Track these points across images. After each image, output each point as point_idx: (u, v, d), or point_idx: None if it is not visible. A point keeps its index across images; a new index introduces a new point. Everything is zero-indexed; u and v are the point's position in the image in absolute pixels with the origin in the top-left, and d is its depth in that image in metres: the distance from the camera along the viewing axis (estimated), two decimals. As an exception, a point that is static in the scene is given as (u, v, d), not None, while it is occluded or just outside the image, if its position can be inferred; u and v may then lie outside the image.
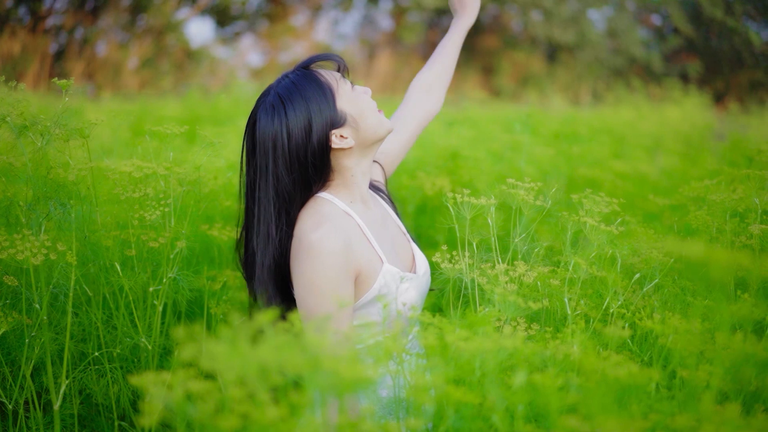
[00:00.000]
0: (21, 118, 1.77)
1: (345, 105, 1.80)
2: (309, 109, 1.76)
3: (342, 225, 1.73)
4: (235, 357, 0.85)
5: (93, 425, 2.13)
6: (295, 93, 1.78)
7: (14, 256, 1.65)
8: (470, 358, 1.22)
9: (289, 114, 1.76)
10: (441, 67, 2.22)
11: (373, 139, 1.83)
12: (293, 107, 1.76)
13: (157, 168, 1.92)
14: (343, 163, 1.82)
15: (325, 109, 1.77)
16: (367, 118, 1.81)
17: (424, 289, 1.89)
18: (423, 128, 2.23)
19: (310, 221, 1.74)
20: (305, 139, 1.76)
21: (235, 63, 16.39)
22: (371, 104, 1.84)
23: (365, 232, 1.79)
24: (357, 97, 1.83)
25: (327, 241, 1.68)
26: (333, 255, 1.68)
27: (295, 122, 1.76)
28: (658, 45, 14.87)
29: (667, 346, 1.43)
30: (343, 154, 1.81)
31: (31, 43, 11.69)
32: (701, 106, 7.61)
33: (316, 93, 1.78)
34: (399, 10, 17.20)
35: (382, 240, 1.83)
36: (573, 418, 1.04)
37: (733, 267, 0.90)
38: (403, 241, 1.94)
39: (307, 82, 1.79)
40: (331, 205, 1.79)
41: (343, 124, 1.79)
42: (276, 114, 1.77)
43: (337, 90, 1.80)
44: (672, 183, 3.27)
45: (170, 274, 1.97)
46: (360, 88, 1.87)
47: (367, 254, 1.75)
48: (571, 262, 1.65)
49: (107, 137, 3.33)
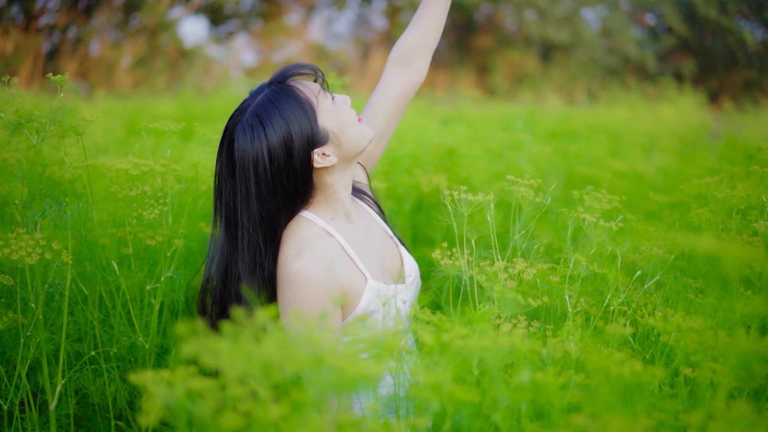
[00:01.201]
0: (16, 115, 1.75)
1: (327, 121, 1.71)
2: (290, 129, 1.67)
3: (323, 249, 1.69)
4: (239, 353, 0.84)
5: (89, 425, 2.11)
6: (274, 111, 1.68)
7: (9, 255, 1.63)
8: (468, 357, 1.21)
9: (269, 134, 1.66)
10: (422, 30, 2.01)
11: (355, 152, 1.76)
12: (273, 127, 1.67)
13: (154, 165, 1.90)
14: (326, 181, 1.75)
15: (306, 128, 1.68)
16: (348, 132, 1.73)
17: (415, 293, 1.86)
18: (406, 104, 2.06)
19: (291, 250, 1.68)
20: (287, 161, 1.67)
21: (228, 62, 16.35)
22: (351, 116, 1.76)
23: (347, 250, 1.74)
24: (338, 111, 1.74)
25: (307, 270, 1.64)
26: (316, 284, 1.64)
27: (276, 143, 1.66)
28: (652, 44, 14.90)
29: (669, 343, 1.42)
30: (326, 172, 1.74)
31: (24, 42, 11.63)
32: (696, 105, 7.62)
33: (296, 111, 1.68)
34: (393, 10, 17.19)
35: (366, 254, 1.78)
36: (578, 416, 1.03)
37: (746, 261, 0.89)
38: (390, 247, 1.89)
39: (285, 99, 1.69)
40: (311, 227, 1.73)
41: (325, 142, 1.71)
42: (255, 135, 1.67)
43: (318, 106, 1.71)
44: (669, 181, 3.27)
45: (167, 272, 1.95)
46: (339, 97, 1.78)
47: (350, 274, 1.71)
48: (572, 259, 1.64)
49: (101, 135, 3.31)
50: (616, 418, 1.01)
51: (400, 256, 1.89)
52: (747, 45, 12.00)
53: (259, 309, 1.75)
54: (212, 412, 0.90)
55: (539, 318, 1.72)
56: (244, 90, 7.04)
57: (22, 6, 12.01)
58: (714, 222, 1.77)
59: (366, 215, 1.90)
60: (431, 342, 1.21)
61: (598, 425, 0.98)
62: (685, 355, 1.36)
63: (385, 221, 1.96)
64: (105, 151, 3.05)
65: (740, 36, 12.03)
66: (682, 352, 1.36)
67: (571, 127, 4.86)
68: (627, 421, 1.01)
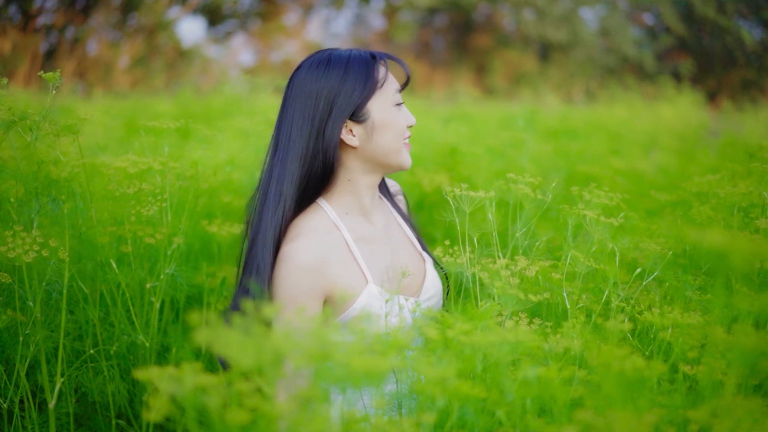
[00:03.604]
0: (9, 114, 1.74)
1: (375, 107, 1.71)
2: (343, 86, 1.69)
3: (322, 240, 1.68)
4: (250, 344, 0.84)
5: (89, 424, 2.11)
6: (342, 65, 1.70)
7: (5, 253, 1.62)
8: (473, 352, 1.21)
9: (324, 78, 1.70)
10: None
11: (379, 159, 1.74)
12: (332, 75, 1.70)
13: (152, 163, 1.89)
14: (346, 164, 1.75)
15: (356, 96, 1.70)
16: (384, 135, 1.72)
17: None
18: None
19: (293, 232, 1.69)
20: (327, 112, 1.69)
21: (226, 62, 16.35)
22: (401, 129, 1.75)
23: (352, 248, 1.72)
24: (393, 112, 1.74)
25: (297, 254, 1.64)
26: (300, 270, 1.63)
27: (327, 89, 1.69)
28: (650, 44, 14.92)
29: (667, 340, 1.42)
30: (347, 152, 1.74)
31: (21, 41, 11.63)
32: (695, 104, 7.63)
33: (359, 77, 1.70)
34: (391, 9, 17.20)
35: (375, 257, 1.76)
36: (583, 412, 1.03)
37: (754, 255, 0.89)
38: (412, 260, 1.84)
39: (360, 64, 1.71)
40: (321, 218, 1.72)
41: (360, 122, 1.71)
42: (316, 71, 1.71)
43: (379, 91, 1.72)
44: (669, 180, 3.27)
45: (168, 270, 1.95)
46: (407, 111, 1.78)
47: (347, 272, 1.69)
48: (568, 255, 1.63)
49: (101, 134, 3.30)
50: (621, 414, 1.01)
51: (424, 272, 1.85)
52: (745, 44, 12.02)
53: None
54: (219, 407, 0.89)
55: (540, 315, 1.72)
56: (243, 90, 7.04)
57: (19, 6, 12.00)
58: (716, 219, 1.77)
59: (390, 220, 1.87)
60: (436, 337, 1.20)
61: (603, 421, 0.97)
62: (682, 351, 1.36)
63: (417, 236, 1.92)
64: (104, 150, 3.05)
65: (738, 35, 12.05)
66: (680, 348, 1.36)
67: (571, 126, 4.86)
68: (631, 417, 1.01)
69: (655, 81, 11.96)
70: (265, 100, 4.75)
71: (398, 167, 1.77)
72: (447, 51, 17.49)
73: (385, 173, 1.80)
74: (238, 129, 3.16)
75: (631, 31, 15.16)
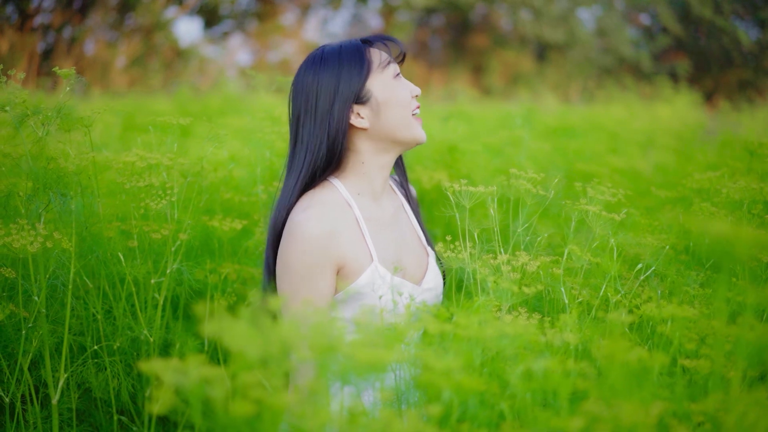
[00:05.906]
0: (22, 107, 1.74)
1: (375, 85, 1.76)
2: (340, 75, 1.75)
3: (334, 213, 1.70)
4: (257, 335, 0.84)
5: (91, 419, 2.11)
6: (335, 57, 1.77)
7: (10, 244, 1.63)
8: (475, 345, 1.21)
9: (322, 72, 1.76)
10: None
11: (391, 135, 1.77)
12: (328, 68, 1.76)
13: (161, 158, 1.90)
14: (357, 146, 1.78)
15: (355, 81, 1.75)
16: (391, 110, 1.76)
17: (428, 301, 1.80)
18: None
19: (302, 204, 1.72)
20: (331, 103, 1.74)
21: (224, 62, 16.34)
22: (406, 100, 1.78)
23: (361, 225, 1.74)
24: (393, 86, 1.78)
25: (308, 224, 1.66)
26: (311, 240, 1.65)
27: (326, 82, 1.75)
28: (647, 44, 14.95)
29: (665, 333, 1.42)
30: (358, 136, 1.78)
31: (18, 41, 11.60)
32: (692, 104, 7.64)
33: (353, 63, 1.76)
34: (388, 9, 17.20)
35: (383, 241, 1.77)
36: (589, 403, 1.03)
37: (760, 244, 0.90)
38: (416, 251, 1.86)
39: (351, 52, 1.78)
40: (333, 193, 1.76)
41: (364, 102, 1.76)
42: (312, 68, 1.78)
43: (374, 69, 1.77)
44: (667, 178, 3.27)
45: (173, 265, 1.95)
46: (408, 83, 1.82)
47: (355, 248, 1.71)
48: (566, 250, 1.64)
49: (100, 132, 3.30)
50: (627, 405, 1.01)
51: (426, 265, 1.87)
52: (742, 44, 12.05)
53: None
54: (224, 398, 0.90)
55: (541, 310, 1.72)
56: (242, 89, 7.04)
57: (17, 5, 11.97)
58: (717, 216, 1.77)
59: (399, 208, 1.90)
60: (434, 331, 1.21)
61: (610, 412, 0.98)
62: (680, 344, 1.37)
63: (422, 229, 1.94)
64: (104, 148, 3.05)
65: (735, 36, 12.07)
66: (678, 341, 1.37)
67: (569, 125, 4.86)
68: (638, 408, 1.01)
69: (652, 81, 11.97)
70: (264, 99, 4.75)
71: (412, 140, 1.80)
72: (444, 51, 17.51)
73: (401, 150, 1.83)
74: (237, 127, 3.16)
75: (628, 31, 15.18)
